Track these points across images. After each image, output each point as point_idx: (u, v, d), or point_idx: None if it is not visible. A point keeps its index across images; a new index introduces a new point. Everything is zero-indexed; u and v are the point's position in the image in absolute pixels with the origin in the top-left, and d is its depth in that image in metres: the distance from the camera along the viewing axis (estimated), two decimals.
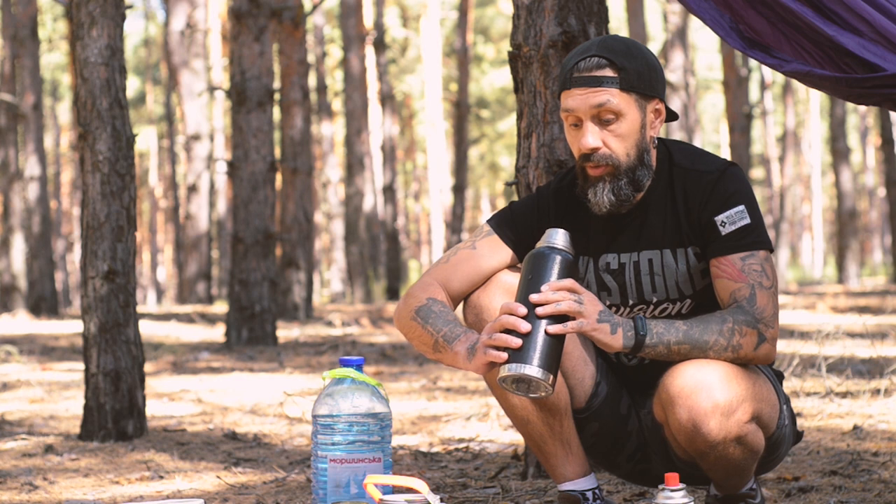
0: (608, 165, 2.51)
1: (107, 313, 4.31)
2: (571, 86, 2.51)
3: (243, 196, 8.65)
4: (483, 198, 41.08)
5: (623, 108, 2.49)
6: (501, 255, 2.64)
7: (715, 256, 2.50)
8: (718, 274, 2.49)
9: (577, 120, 2.52)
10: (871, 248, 39.00)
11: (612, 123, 2.50)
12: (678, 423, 2.40)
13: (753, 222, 2.49)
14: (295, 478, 3.52)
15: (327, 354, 7.88)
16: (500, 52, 32.17)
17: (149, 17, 33.89)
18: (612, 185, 2.51)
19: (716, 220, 2.50)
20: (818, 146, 31.97)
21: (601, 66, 2.49)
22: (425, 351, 2.55)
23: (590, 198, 2.54)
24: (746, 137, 17.75)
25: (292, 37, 11.89)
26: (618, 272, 2.60)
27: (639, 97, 2.51)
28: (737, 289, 2.46)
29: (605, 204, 2.52)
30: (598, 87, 2.48)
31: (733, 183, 2.52)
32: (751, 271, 2.46)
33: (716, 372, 2.39)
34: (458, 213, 21.57)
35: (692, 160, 2.58)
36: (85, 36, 4.37)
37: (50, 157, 32.39)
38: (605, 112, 2.49)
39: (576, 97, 2.50)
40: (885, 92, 2.63)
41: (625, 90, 2.49)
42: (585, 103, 2.49)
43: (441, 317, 2.53)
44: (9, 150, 15.32)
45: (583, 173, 2.55)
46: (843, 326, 6.32)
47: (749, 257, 2.48)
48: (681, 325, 2.40)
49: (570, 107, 2.51)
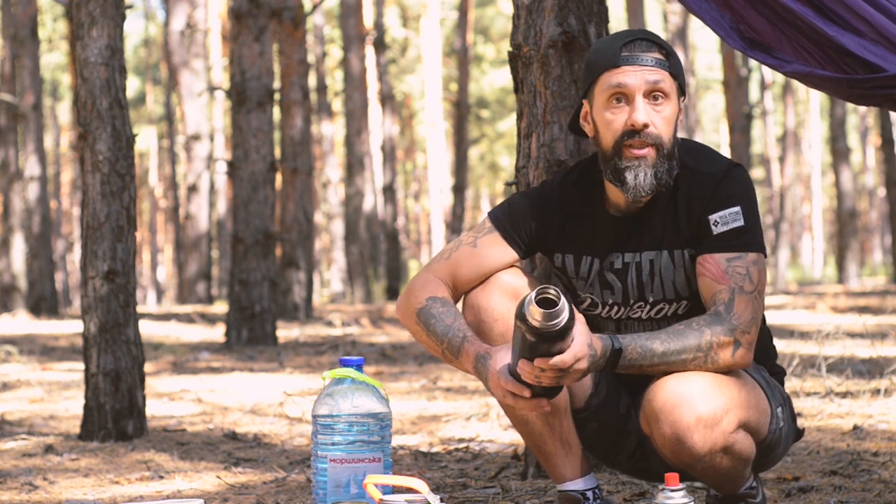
0: (654, 145, 2.48)
1: (107, 313, 4.31)
2: (622, 63, 2.48)
3: (243, 196, 8.65)
4: (483, 198, 41.08)
5: (671, 92, 2.50)
6: (503, 253, 2.63)
7: (702, 254, 2.49)
8: (702, 272, 2.48)
9: (624, 97, 2.48)
10: (871, 248, 38.99)
11: (661, 104, 2.48)
12: (662, 437, 2.39)
13: (747, 225, 2.47)
14: (295, 478, 3.52)
15: (327, 354, 7.88)
16: (500, 52, 32.16)
17: (149, 17, 33.89)
18: (655, 168, 2.48)
19: (710, 218, 2.48)
20: (818, 146, 31.97)
21: (652, 49, 2.50)
22: (435, 355, 2.58)
23: (628, 180, 2.48)
24: (746, 137, 17.75)
25: (292, 37, 11.89)
26: (622, 271, 2.59)
27: (678, 88, 2.53)
28: (717, 291, 2.44)
29: (646, 187, 2.48)
30: (654, 66, 2.48)
31: (735, 184, 2.50)
32: (734, 274, 2.45)
33: (698, 384, 2.38)
34: (458, 213, 21.57)
35: (697, 160, 2.56)
36: (85, 36, 4.37)
37: (50, 157, 32.39)
38: (658, 91, 2.48)
39: (629, 73, 2.47)
40: (886, 92, 2.63)
41: (673, 76, 2.51)
42: (641, 79, 2.47)
43: (441, 321, 2.53)
44: (9, 150, 15.32)
45: (618, 154, 2.48)
46: (843, 326, 6.31)
47: (735, 259, 2.46)
48: (658, 346, 2.38)
49: (621, 82, 2.47)
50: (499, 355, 2.43)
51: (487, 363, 2.43)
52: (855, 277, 19.03)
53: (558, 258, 2.65)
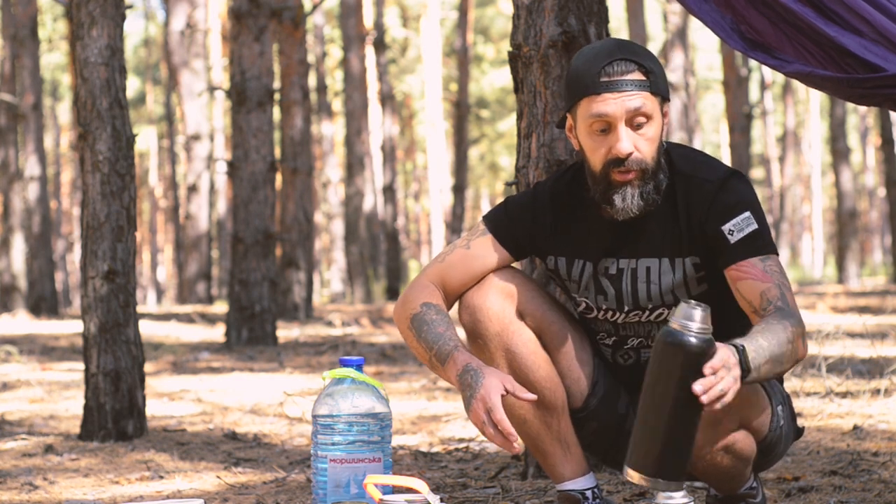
0: (638, 170, 2.46)
1: (107, 313, 4.31)
2: (602, 90, 2.44)
3: (243, 196, 8.65)
4: (483, 198, 41.08)
5: (652, 111, 2.46)
6: (496, 255, 2.62)
7: (733, 262, 2.45)
8: (741, 276, 2.44)
9: (607, 125, 2.46)
10: (871, 248, 39.00)
11: (643, 127, 2.46)
12: None
13: (761, 228, 2.47)
14: (295, 478, 3.52)
15: (327, 354, 7.88)
16: (500, 52, 32.15)
17: (149, 17, 33.90)
18: (641, 189, 2.47)
19: (722, 229, 2.46)
20: (818, 146, 31.97)
21: (630, 69, 2.45)
22: (423, 363, 2.56)
23: (616, 204, 2.47)
24: (746, 137, 17.75)
25: (292, 37, 11.89)
26: (615, 277, 2.58)
27: (660, 100, 2.49)
28: (766, 289, 2.41)
29: (634, 209, 2.47)
30: (633, 90, 2.44)
31: (735, 193, 2.48)
32: (773, 272, 2.43)
33: None
34: (458, 213, 21.57)
35: (693, 166, 2.54)
36: (85, 36, 4.37)
37: (50, 157, 32.39)
38: (639, 116, 2.44)
39: (609, 102, 2.43)
40: (887, 92, 2.63)
41: (654, 93, 2.46)
42: (622, 107, 2.43)
43: (433, 328, 2.52)
44: (9, 150, 15.32)
45: (606, 179, 2.48)
46: (843, 326, 6.32)
47: (767, 259, 2.45)
48: (763, 342, 2.25)
49: (603, 111, 2.44)
50: (493, 380, 2.38)
51: (480, 380, 2.39)
52: (855, 277, 19.04)
53: (551, 260, 2.65)
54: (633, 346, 2.64)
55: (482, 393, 2.38)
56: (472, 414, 2.38)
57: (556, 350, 2.63)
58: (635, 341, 2.63)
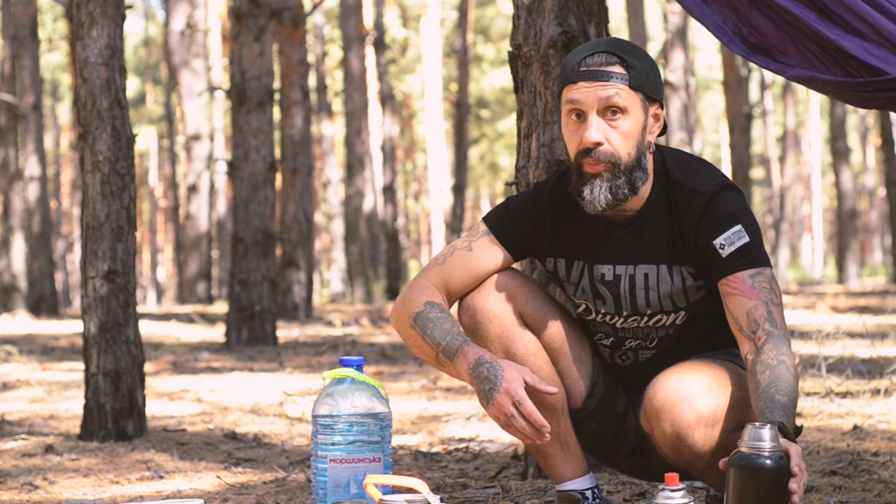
0: (608, 163, 2.46)
1: (107, 313, 4.31)
2: (578, 79, 2.46)
3: (243, 196, 8.65)
4: (483, 198, 41.08)
5: (630, 105, 2.46)
6: (497, 256, 2.62)
7: (723, 277, 2.46)
8: (730, 292, 2.45)
9: (580, 112, 2.47)
10: (871, 248, 39.00)
11: (617, 119, 2.46)
12: (663, 435, 2.40)
13: (752, 240, 2.46)
14: (295, 478, 3.52)
15: (327, 354, 7.88)
16: (500, 52, 32.15)
17: (149, 17, 33.89)
18: (611, 183, 2.46)
19: (714, 243, 2.46)
20: (818, 146, 31.97)
21: (611, 62, 2.46)
22: (427, 361, 2.56)
23: (584, 195, 2.48)
24: (746, 137, 17.74)
25: (292, 37, 11.88)
26: (612, 283, 2.58)
27: (644, 98, 2.48)
28: (753, 307, 2.41)
29: (602, 202, 2.47)
30: (608, 81, 2.45)
31: (725, 206, 2.48)
32: (761, 289, 2.43)
33: (698, 382, 2.38)
34: (458, 213, 21.57)
35: (686, 175, 2.54)
36: (85, 36, 4.37)
37: (50, 157, 32.38)
38: (612, 106, 2.45)
39: (582, 90, 2.45)
40: (889, 95, 2.62)
41: (633, 88, 2.46)
42: (593, 95, 2.45)
43: (438, 325, 2.52)
44: (9, 150, 15.31)
45: (578, 169, 2.49)
46: (843, 326, 6.32)
47: (757, 275, 2.45)
48: (782, 399, 2.27)
49: (575, 98, 2.46)
50: (514, 373, 2.42)
51: (499, 373, 2.41)
52: (855, 277, 19.04)
53: (550, 262, 2.65)
54: (631, 348, 2.64)
55: (505, 386, 2.40)
56: (495, 407, 2.40)
57: (556, 351, 2.64)
58: (633, 343, 2.64)
